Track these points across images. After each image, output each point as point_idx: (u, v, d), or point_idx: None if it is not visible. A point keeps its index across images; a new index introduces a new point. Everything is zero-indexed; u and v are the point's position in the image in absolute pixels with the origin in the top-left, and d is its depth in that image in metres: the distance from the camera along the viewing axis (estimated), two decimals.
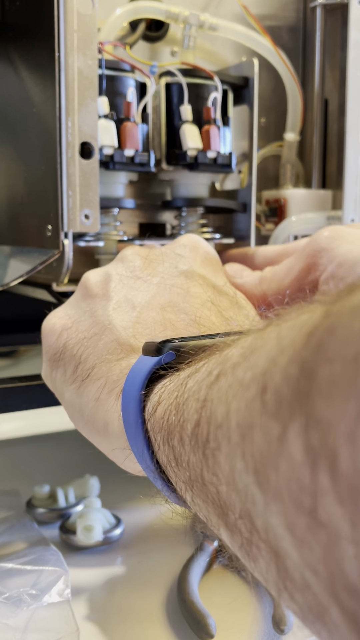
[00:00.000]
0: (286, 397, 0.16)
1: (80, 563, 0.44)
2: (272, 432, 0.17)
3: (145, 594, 0.40)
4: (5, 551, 0.43)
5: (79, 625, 0.36)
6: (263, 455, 0.17)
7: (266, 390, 0.17)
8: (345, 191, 0.55)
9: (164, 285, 0.36)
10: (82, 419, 0.34)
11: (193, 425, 0.22)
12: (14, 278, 0.46)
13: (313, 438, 0.15)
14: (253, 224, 0.54)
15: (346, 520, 0.14)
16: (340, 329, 0.15)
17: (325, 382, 0.15)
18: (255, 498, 0.18)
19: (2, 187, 0.52)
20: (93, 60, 0.43)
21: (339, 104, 0.56)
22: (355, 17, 0.53)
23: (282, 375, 0.17)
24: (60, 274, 0.45)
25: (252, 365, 0.19)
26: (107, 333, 0.34)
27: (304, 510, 0.16)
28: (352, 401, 0.14)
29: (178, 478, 0.24)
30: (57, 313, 0.38)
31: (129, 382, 0.28)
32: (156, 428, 0.25)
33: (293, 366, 0.17)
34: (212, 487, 0.21)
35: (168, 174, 0.53)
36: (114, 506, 0.50)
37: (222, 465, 0.20)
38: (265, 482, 0.17)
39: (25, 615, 0.36)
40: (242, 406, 0.19)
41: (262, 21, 0.56)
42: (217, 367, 0.22)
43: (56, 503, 0.49)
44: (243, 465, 0.18)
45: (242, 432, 0.18)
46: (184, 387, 0.24)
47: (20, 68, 0.47)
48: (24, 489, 0.52)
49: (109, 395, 0.32)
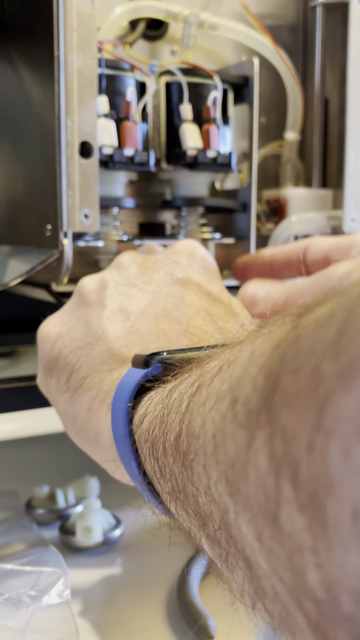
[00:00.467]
0: (254, 407, 0.17)
1: (80, 564, 0.44)
2: (241, 441, 0.17)
3: (145, 595, 0.40)
4: (4, 552, 0.43)
5: (79, 627, 0.36)
6: (234, 465, 0.17)
7: (237, 401, 0.18)
8: (346, 191, 0.55)
9: (158, 294, 0.36)
10: (74, 428, 0.35)
11: (175, 437, 0.22)
12: (13, 278, 0.46)
13: (277, 447, 0.15)
14: (253, 223, 0.54)
15: (306, 530, 0.14)
16: (303, 340, 0.16)
17: (289, 392, 0.15)
18: (228, 507, 0.18)
19: (2, 186, 0.52)
20: (93, 60, 0.42)
21: (339, 103, 0.56)
22: (356, 16, 0.53)
23: (251, 385, 0.17)
24: (60, 274, 0.45)
25: (227, 377, 0.19)
26: (100, 343, 0.34)
27: (270, 519, 0.16)
28: (312, 411, 0.14)
29: (163, 490, 0.24)
30: (52, 320, 0.38)
31: (118, 395, 0.29)
32: (142, 440, 0.26)
33: (260, 376, 0.17)
34: (192, 498, 0.21)
35: (168, 173, 0.53)
36: (113, 507, 0.49)
37: (200, 475, 0.20)
38: (236, 491, 0.17)
39: (25, 616, 0.36)
40: (217, 417, 0.19)
41: (262, 20, 0.56)
42: (198, 379, 0.22)
43: (56, 504, 0.49)
44: (217, 474, 0.19)
45: (216, 442, 0.19)
46: (169, 399, 0.24)
47: (20, 67, 0.47)
48: (24, 490, 0.52)
49: (100, 406, 0.32)
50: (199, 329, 0.34)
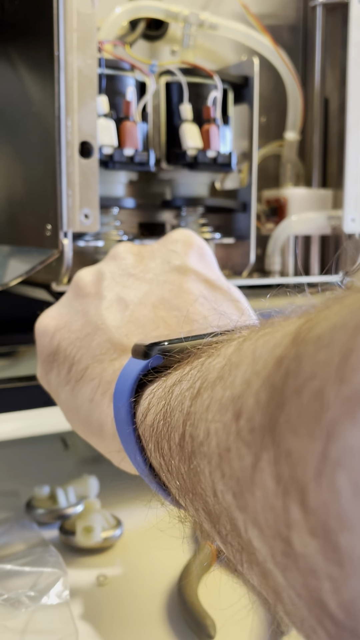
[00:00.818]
0: (258, 425, 0.16)
1: (80, 564, 0.44)
2: (246, 460, 0.17)
3: (145, 595, 0.40)
4: (4, 552, 0.43)
5: (78, 627, 0.36)
6: (240, 481, 0.17)
7: (241, 415, 0.17)
8: (346, 191, 0.55)
9: (156, 282, 0.36)
10: (77, 419, 0.34)
11: (179, 437, 0.22)
12: (13, 278, 0.46)
13: (283, 470, 0.15)
14: (253, 223, 0.54)
15: (320, 553, 0.14)
16: (305, 360, 0.15)
17: (293, 415, 0.15)
18: (237, 520, 0.18)
19: (2, 186, 0.52)
20: (93, 59, 0.42)
21: (339, 103, 0.56)
22: (356, 16, 0.53)
23: (255, 401, 0.17)
24: (60, 274, 0.45)
25: (229, 385, 0.19)
26: (100, 333, 0.34)
27: (281, 538, 0.16)
28: (318, 439, 0.14)
29: (171, 484, 0.24)
30: (49, 313, 0.38)
31: (119, 388, 0.29)
32: (147, 435, 0.26)
33: (264, 392, 0.17)
34: (201, 498, 0.21)
35: (168, 173, 0.53)
36: (113, 507, 0.49)
37: (206, 481, 0.20)
38: (244, 506, 0.17)
39: (24, 617, 0.36)
40: (220, 428, 0.19)
41: (262, 20, 0.56)
42: (199, 379, 0.22)
43: (56, 504, 0.49)
44: (223, 486, 0.18)
45: (221, 454, 0.18)
46: (171, 395, 0.24)
47: (20, 67, 0.47)
48: (24, 490, 0.52)
49: (102, 396, 0.32)
50: (199, 315, 0.34)
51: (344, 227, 0.55)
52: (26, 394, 0.48)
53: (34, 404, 0.48)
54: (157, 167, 0.52)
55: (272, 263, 0.58)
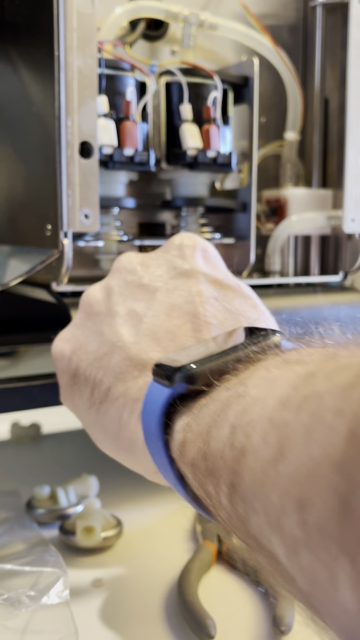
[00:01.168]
0: (331, 537, 0.15)
1: (80, 564, 0.44)
2: (321, 574, 0.16)
3: (145, 595, 0.40)
4: (4, 552, 0.43)
5: (78, 627, 0.36)
6: (313, 592, 0.17)
7: (306, 514, 0.16)
8: (346, 191, 0.55)
9: (165, 290, 0.36)
10: (106, 440, 0.34)
11: (227, 488, 0.21)
12: (13, 278, 0.46)
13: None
14: (253, 223, 0.54)
15: None
16: None
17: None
18: (303, 604, 0.18)
19: (2, 186, 0.52)
20: (93, 59, 0.42)
21: (339, 103, 0.56)
22: (356, 16, 0.53)
23: (322, 502, 0.16)
24: (60, 274, 0.45)
25: (280, 456, 0.18)
26: (118, 351, 0.34)
27: None
28: None
29: (217, 515, 0.24)
30: (63, 336, 0.38)
31: (146, 418, 0.28)
32: (187, 471, 0.25)
33: (333, 497, 0.15)
34: (253, 541, 0.20)
35: (168, 173, 0.53)
36: (113, 507, 0.49)
37: (266, 549, 0.19)
38: (316, 612, 0.17)
39: (24, 616, 0.36)
40: (286, 523, 0.17)
41: (262, 20, 0.56)
42: (238, 423, 0.21)
43: (56, 503, 0.49)
44: (289, 586, 0.18)
45: (288, 554, 0.17)
46: (209, 436, 0.23)
47: (20, 67, 0.47)
48: (24, 490, 0.52)
49: (130, 416, 0.32)
50: (213, 317, 0.33)
51: (344, 227, 0.55)
52: (26, 394, 0.48)
53: (34, 404, 0.48)
54: (157, 167, 0.52)
55: (272, 263, 0.58)
